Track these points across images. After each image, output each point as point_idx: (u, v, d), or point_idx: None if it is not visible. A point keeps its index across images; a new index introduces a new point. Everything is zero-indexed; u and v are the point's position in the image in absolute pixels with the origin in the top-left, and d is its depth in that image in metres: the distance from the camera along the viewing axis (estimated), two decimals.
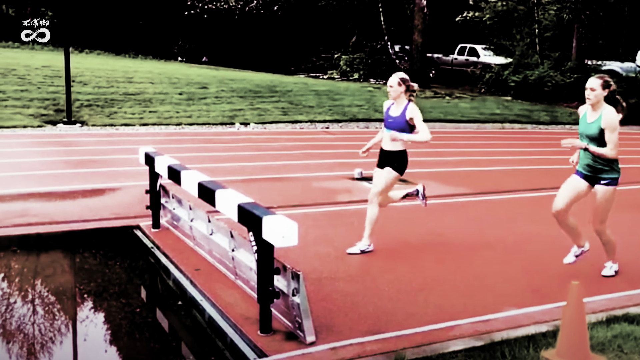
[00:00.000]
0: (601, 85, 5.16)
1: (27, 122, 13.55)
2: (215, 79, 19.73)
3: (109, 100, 15.89)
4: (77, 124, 13.99)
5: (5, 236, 6.17)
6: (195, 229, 5.57)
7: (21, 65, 17.90)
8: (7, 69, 17.02)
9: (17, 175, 8.66)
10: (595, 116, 5.15)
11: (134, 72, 19.17)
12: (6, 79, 16.20)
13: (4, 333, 4.31)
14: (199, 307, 4.62)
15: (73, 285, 5.25)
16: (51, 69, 17.61)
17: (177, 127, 14.76)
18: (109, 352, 4.21)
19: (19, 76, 16.63)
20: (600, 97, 5.15)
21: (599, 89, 5.15)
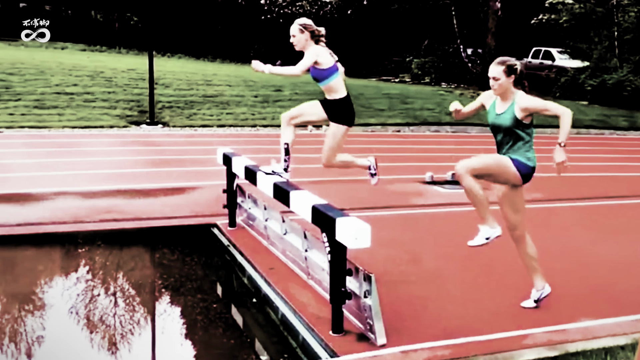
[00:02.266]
0: (504, 72, 4.52)
1: (113, 123, 14.06)
2: (289, 82, 19.92)
3: (188, 102, 16.30)
4: (159, 124, 14.40)
5: (91, 231, 6.41)
6: (269, 228, 5.63)
7: (108, 68, 18.58)
8: (95, 72, 17.71)
9: (104, 173, 8.99)
10: (505, 106, 4.57)
11: (212, 75, 19.59)
12: (95, 81, 16.85)
13: (87, 323, 4.47)
14: (272, 305, 4.67)
15: (152, 280, 5.40)
16: (136, 72, 18.20)
17: (252, 128, 14.98)
18: (184, 346, 4.31)
19: (106, 79, 17.27)
20: (507, 84, 4.53)
21: (502, 77, 4.52)
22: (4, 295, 4.87)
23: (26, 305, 4.69)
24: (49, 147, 11.10)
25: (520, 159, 4.62)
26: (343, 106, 5.32)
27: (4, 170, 8.84)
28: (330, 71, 5.23)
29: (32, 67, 17.31)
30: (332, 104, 5.33)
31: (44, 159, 9.95)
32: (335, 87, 5.28)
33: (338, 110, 5.32)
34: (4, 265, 5.55)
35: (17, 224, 6.37)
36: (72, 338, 4.25)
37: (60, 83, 16.27)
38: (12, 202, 7.14)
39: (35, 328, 4.34)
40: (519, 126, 4.57)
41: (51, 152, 10.58)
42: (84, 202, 7.33)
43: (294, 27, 5.31)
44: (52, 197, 7.43)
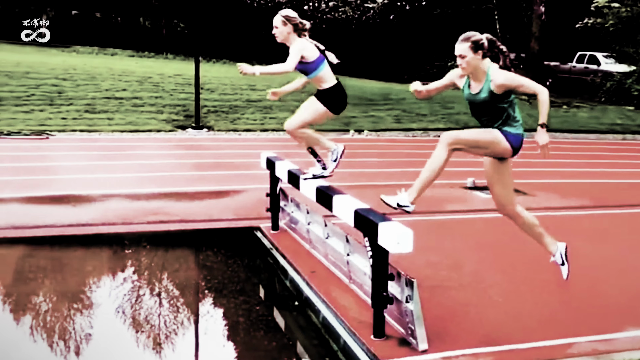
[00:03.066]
0: (470, 48, 4.24)
1: (160, 127, 14.29)
2: None
3: (233, 107, 16.46)
4: (204, 128, 14.58)
5: (138, 232, 6.53)
6: (311, 232, 5.64)
7: (156, 73, 18.90)
8: (144, 77, 18.03)
9: (151, 175, 9.14)
10: (480, 85, 4.30)
11: (256, 80, 19.74)
12: (143, 86, 17.16)
13: (133, 323, 4.54)
14: (314, 308, 4.67)
15: (196, 281, 5.46)
16: (182, 77, 18.47)
17: None
18: (226, 347, 4.33)
19: (154, 84, 17.57)
20: (476, 61, 4.25)
21: (469, 54, 4.24)
22: (55, 294, 4.99)
23: (75, 304, 4.79)
24: (99, 150, 11.34)
25: (510, 130, 4.39)
26: (334, 94, 5.17)
27: (57, 173, 9.06)
28: (317, 63, 5.13)
29: (84, 73, 17.72)
30: (324, 93, 5.17)
31: (94, 161, 10.18)
32: (324, 78, 5.17)
33: (329, 98, 5.16)
34: (54, 265, 5.68)
35: (68, 225, 6.52)
36: (119, 337, 4.32)
37: (110, 88, 16.62)
38: (64, 203, 7.32)
39: (84, 326, 4.43)
40: (498, 101, 4.31)
41: (101, 155, 10.81)
42: (132, 204, 7.47)
43: (276, 19, 5.16)
44: (102, 199, 7.59)
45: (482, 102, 4.33)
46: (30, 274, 5.39)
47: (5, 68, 17.24)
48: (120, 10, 33.09)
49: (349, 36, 29.10)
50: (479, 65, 4.29)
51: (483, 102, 4.33)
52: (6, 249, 5.90)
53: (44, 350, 4.08)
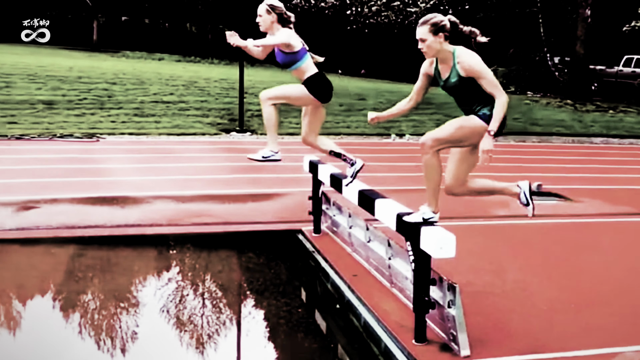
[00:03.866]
0: (430, 31, 3.95)
1: (205, 130, 14.46)
2: (373, 91, 19.89)
3: None
4: (248, 132, 14.69)
5: (183, 233, 6.60)
6: (353, 235, 5.62)
7: (202, 78, 19.14)
8: (190, 82, 18.28)
9: (197, 178, 9.25)
10: (448, 69, 4.03)
11: None
12: (189, 90, 17.40)
13: (177, 322, 4.58)
14: (355, 312, 4.65)
15: (239, 283, 5.49)
16: (227, 81, 18.67)
17: (336, 137, 15.02)
18: (267, 348, 4.33)
19: (199, 88, 17.79)
20: (437, 44, 3.96)
21: (429, 37, 3.95)
22: (102, 293, 5.07)
23: (121, 303, 4.86)
24: (146, 153, 11.53)
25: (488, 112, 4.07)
26: (317, 81, 5.05)
27: (106, 174, 9.24)
28: (302, 53, 5.07)
29: (133, 77, 18.06)
30: (309, 81, 5.06)
31: (142, 164, 10.35)
32: (306, 68, 5.09)
33: (314, 84, 5.05)
34: (103, 264, 5.78)
35: (116, 225, 6.64)
36: (163, 336, 4.37)
37: (158, 92, 16.89)
38: (113, 205, 7.46)
39: (130, 325, 4.49)
40: (471, 83, 4.01)
41: (149, 157, 10.99)
42: (178, 206, 7.56)
43: (261, 7, 5.04)
44: (149, 201, 7.70)
45: (454, 87, 4.05)
46: (80, 272, 5.50)
47: (59, 73, 17.70)
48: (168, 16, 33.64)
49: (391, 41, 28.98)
50: (442, 48, 4.00)
51: (455, 87, 4.05)
52: (59, 248, 6.04)
53: (92, 348, 4.15)
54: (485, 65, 3.97)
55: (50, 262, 5.73)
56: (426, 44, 4.00)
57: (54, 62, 19.82)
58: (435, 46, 4.00)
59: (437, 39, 3.98)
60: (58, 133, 13.21)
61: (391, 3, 27.81)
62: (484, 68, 3.95)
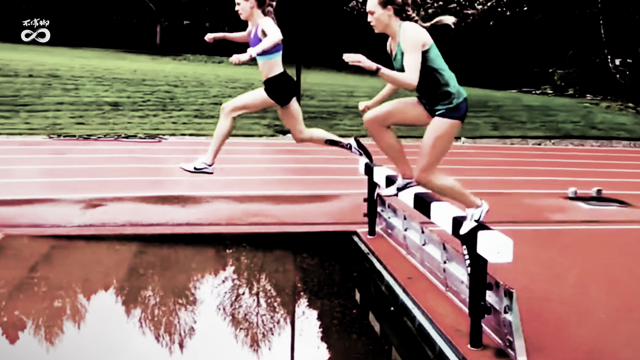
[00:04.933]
0: (379, 3, 3.73)
1: (263, 132, 14.60)
2: None
3: (331, 113, 16.57)
4: None
5: (240, 233, 6.67)
6: (408, 238, 5.56)
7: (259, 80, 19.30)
8: (248, 84, 18.49)
9: (254, 179, 9.34)
10: (395, 45, 3.80)
11: (353, 87, 19.80)
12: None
13: (233, 320, 4.63)
14: (409, 314, 4.59)
15: (293, 283, 5.50)
16: None
17: None
18: (321, 349, 4.32)
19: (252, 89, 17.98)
20: (386, 18, 3.75)
21: (378, 10, 3.74)
22: (163, 290, 5.17)
23: (180, 300, 4.94)
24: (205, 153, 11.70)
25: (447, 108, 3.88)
26: (278, 82, 4.88)
27: (167, 174, 9.43)
28: (279, 47, 4.86)
29: (194, 80, 18.40)
30: (272, 81, 4.88)
31: None
32: (276, 63, 4.91)
33: (272, 87, 4.88)
34: (163, 262, 5.89)
35: (178, 224, 6.77)
36: (219, 333, 4.41)
37: (218, 94, 17.15)
38: (174, 204, 7.60)
39: (187, 321, 4.57)
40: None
41: None
42: (236, 206, 7.66)
43: None
44: (208, 200, 7.83)
45: (398, 64, 3.78)
46: (141, 269, 5.62)
47: (124, 75, 18.19)
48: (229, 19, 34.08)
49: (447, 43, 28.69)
50: (390, 23, 3.77)
51: (399, 64, 3.77)
52: (122, 245, 6.19)
53: (151, 342, 4.23)
54: (420, 44, 3.67)
55: (114, 258, 5.88)
56: (374, 16, 3.79)
57: (119, 65, 20.38)
58: (384, 20, 3.79)
59: (385, 12, 3.77)
60: (122, 133, 13.57)
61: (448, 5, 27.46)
62: (414, 45, 3.64)
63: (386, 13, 3.79)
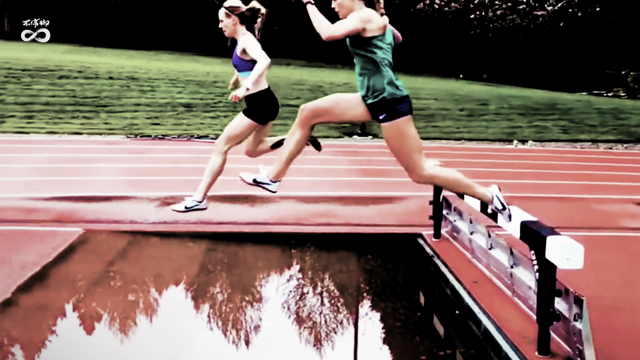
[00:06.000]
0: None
1: (328, 133, 14.62)
2: (495, 96, 19.26)
3: None
4: (369, 136, 14.70)
5: (306, 233, 6.69)
6: (474, 241, 5.44)
7: (326, 82, 19.42)
8: (315, 86, 18.60)
9: (320, 180, 9.36)
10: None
11: (419, 89, 19.58)
12: (314, 94, 17.66)
13: (297, 319, 4.62)
14: (475, 319, 4.48)
15: (357, 283, 5.46)
16: (349, 85, 18.79)
17: (457, 142, 14.70)
18: (383, 350, 4.25)
19: (324, 92, 18.02)
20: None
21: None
22: (230, 287, 5.23)
23: (246, 297, 4.99)
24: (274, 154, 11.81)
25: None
26: (261, 100, 4.74)
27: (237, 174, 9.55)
28: None
29: None
30: (254, 98, 4.74)
31: None
32: (259, 79, 4.78)
33: (254, 104, 4.72)
34: (231, 260, 5.97)
35: (246, 223, 6.85)
36: (283, 331, 4.41)
37: (285, 96, 17.30)
38: (244, 203, 7.70)
39: (253, 318, 4.60)
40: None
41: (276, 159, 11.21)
42: (303, 206, 7.69)
43: (220, 12, 4.81)
44: (277, 200, 7.89)
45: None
46: (210, 266, 5.72)
47: (197, 78, 18.61)
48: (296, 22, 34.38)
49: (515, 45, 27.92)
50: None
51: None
52: (194, 242, 6.31)
53: (218, 337, 4.29)
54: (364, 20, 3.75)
55: (185, 254, 6.01)
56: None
57: (193, 68, 20.86)
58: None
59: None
60: (195, 134, 13.87)
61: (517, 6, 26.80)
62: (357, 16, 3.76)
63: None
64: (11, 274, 4.96)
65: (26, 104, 15.53)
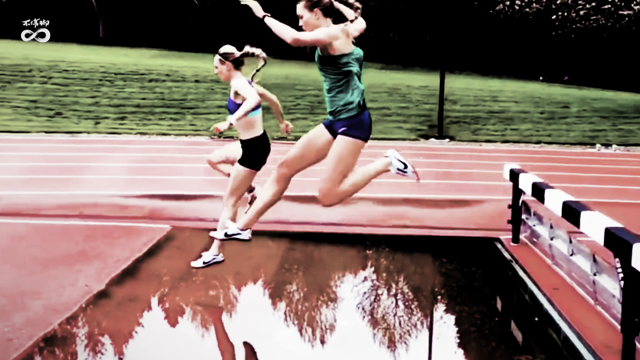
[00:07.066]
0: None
1: (405, 136, 14.49)
2: (576, 98, 18.51)
3: (474, 118, 16.08)
4: (446, 138, 14.45)
5: (381, 234, 6.63)
6: (554, 247, 5.22)
7: (404, 85, 19.23)
8: (393, 89, 18.46)
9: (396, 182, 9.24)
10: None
11: (498, 92, 19.08)
12: (391, 97, 17.58)
13: (371, 319, 4.57)
14: (555, 326, 4.30)
15: (432, 286, 5.35)
16: (428, 88, 18.54)
17: (536, 145, 14.22)
18: (457, 354, 4.14)
19: (401, 95, 17.90)
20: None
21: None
22: (306, 286, 5.24)
23: (321, 296, 4.99)
24: None
25: None
26: (256, 146, 4.65)
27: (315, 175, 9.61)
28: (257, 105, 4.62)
29: None
30: (245, 144, 4.68)
31: None
32: (253, 124, 4.69)
33: (249, 151, 4.64)
34: (307, 259, 5.99)
35: (322, 223, 6.87)
36: (357, 331, 4.37)
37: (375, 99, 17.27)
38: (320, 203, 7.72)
39: (328, 317, 4.59)
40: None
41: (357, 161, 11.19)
42: (378, 208, 7.63)
43: (215, 59, 4.78)
44: (353, 201, 7.86)
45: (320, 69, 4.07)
46: (287, 264, 5.76)
47: (277, 81, 18.86)
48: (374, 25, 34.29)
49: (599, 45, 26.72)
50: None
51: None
52: (273, 242, 6.39)
53: (294, 334, 4.30)
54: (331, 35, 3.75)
55: (264, 253, 6.07)
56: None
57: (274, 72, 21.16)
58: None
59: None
60: (275, 135, 14.06)
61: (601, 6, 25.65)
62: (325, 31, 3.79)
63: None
64: (105, 267, 5.18)
65: (119, 106, 16.22)
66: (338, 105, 3.90)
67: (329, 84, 3.91)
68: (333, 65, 3.83)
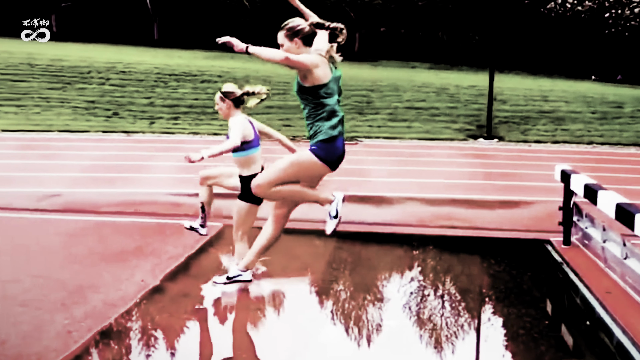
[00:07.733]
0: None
1: (453, 136, 14.31)
2: (630, 98, 17.91)
3: (524, 118, 15.75)
4: (495, 139, 14.20)
5: (429, 235, 6.56)
6: (607, 250, 5.07)
7: (453, 85, 18.98)
8: (441, 88, 18.25)
9: (444, 182, 9.16)
10: None
11: (548, 91, 18.64)
12: (440, 97, 17.38)
13: (417, 320, 4.52)
14: (607, 331, 4.17)
15: (479, 288, 5.26)
16: (476, 88, 18.25)
17: (587, 145, 13.82)
18: (505, 357, 4.06)
19: (449, 95, 17.67)
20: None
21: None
22: (352, 285, 5.22)
23: (368, 296, 4.96)
24: (399, 156, 11.74)
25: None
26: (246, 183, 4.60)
27: (364, 175, 9.59)
28: (251, 145, 4.68)
29: (389, 85, 18.57)
30: (244, 181, 4.67)
31: (395, 166, 10.55)
32: (252, 161, 4.67)
33: (248, 187, 4.54)
34: (355, 258, 5.97)
35: (371, 223, 6.84)
36: (404, 331, 4.33)
37: (411, 98, 17.14)
38: (369, 203, 7.71)
39: (375, 317, 4.56)
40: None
41: (401, 160, 11.16)
42: (426, 208, 7.56)
43: (216, 96, 4.87)
44: (401, 201, 7.83)
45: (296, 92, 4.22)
46: (335, 264, 5.76)
47: None
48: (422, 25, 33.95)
49: None
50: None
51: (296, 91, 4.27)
52: (321, 240, 6.39)
53: (340, 333, 4.30)
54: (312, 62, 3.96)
55: (312, 252, 6.08)
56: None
57: None
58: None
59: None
60: None
61: None
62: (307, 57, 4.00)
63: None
64: (160, 263, 5.29)
65: (172, 106, 16.55)
66: (316, 130, 4.09)
67: (308, 111, 4.11)
68: (312, 95, 4.03)
